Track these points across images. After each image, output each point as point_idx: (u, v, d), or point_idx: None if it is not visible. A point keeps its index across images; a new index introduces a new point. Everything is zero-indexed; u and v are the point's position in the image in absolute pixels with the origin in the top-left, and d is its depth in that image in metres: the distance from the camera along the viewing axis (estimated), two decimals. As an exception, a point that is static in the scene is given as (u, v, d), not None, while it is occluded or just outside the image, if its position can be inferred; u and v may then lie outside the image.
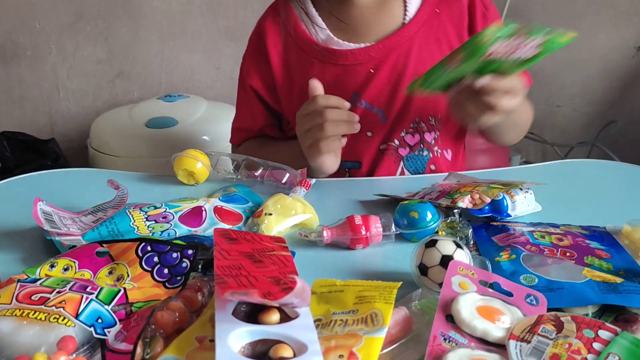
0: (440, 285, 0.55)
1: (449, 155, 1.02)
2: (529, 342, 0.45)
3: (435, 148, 0.99)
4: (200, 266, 0.59)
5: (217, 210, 0.73)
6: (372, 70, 0.94)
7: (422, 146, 0.98)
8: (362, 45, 0.95)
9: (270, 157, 0.89)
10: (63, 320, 0.47)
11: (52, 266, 0.56)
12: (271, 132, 1.07)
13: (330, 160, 0.86)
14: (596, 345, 0.44)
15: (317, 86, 0.84)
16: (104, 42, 2.08)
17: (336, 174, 0.93)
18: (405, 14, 0.96)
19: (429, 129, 0.97)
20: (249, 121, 1.07)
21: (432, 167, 1.00)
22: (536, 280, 0.56)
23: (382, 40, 0.94)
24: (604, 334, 0.46)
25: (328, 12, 0.97)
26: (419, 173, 0.99)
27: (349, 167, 0.99)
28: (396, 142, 0.98)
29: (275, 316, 0.48)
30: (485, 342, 0.47)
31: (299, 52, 0.98)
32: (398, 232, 0.68)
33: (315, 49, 0.96)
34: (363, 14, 0.95)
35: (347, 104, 0.84)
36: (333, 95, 0.85)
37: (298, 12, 0.99)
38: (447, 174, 0.87)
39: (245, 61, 1.06)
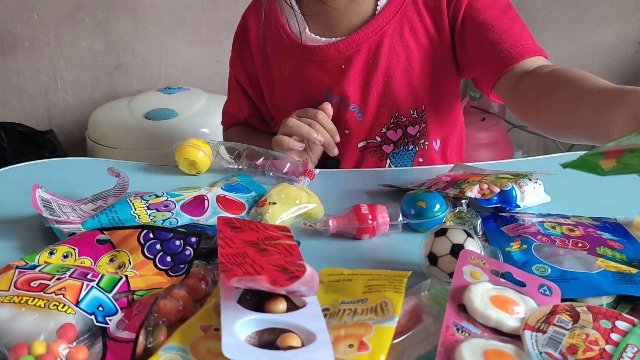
0: (450, 275, 0.53)
1: (437, 145, 0.98)
2: (544, 332, 0.44)
3: (422, 141, 0.96)
4: (204, 255, 0.58)
5: (220, 200, 0.72)
6: (343, 66, 0.91)
7: (406, 141, 0.95)
8: (333, 40, 0.91)
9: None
10: (63, 307, 0.45)
11: (51, 253, 0.55)
12: (256, 123, 1.09)
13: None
14: (614, 336, 0.43)
15: (327, 109, 0.89)
16: (103, 33, 2.06)
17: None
18: (377, 4, 0.91)
19: (412, 122, 0.94)
20: (237, 109, 1.08)
21: (420, 159, 0.98)
22: (549, 270, 0.54)
23: (352, 34, 0.90)
24: (621, 324, 0.44)
25: (306, 5, 0.94)
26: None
27: (334, 166, 0.98)
28: (378, 139, 0.95)
29: (282, 305, 0.46)
30: (499, 333, 0.45)
31: (275, 46, 0.96)
32: (405, 221, 0.67)
33: (290, 44, 0.94)
34: (335, 6, 0.91)
35: (337, 138, 0.89)
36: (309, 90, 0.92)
37: (280, 3, 0.95)
38: (453, 165, 0.86)
39: (232, 51, 1.05)
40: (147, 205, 0.68)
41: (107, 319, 0.46)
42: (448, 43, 0.91)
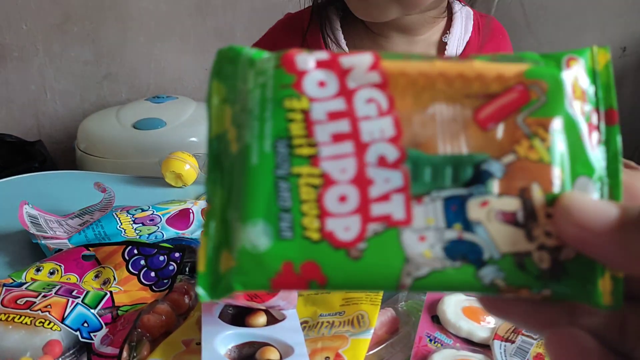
0: (427, 286, 0.55)
1: None
2: (513, 342, 0.45)
3: None
4: (187, 269, 0.59)
5: (205, 213, 0.73)
6: None
7: None
8: None
9: None
10: (49, 324, 0.47)
11: (38, 270, 0.56)
12: None
13: None
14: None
15: None
16: (92, 43, 2.07)
17: None
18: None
19: None
20: None
21: None
22: (521, 280, 0.56)
23: None
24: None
25: (359, 46, 0.96)
26: None
27: None
28: None
29: (262, 319, 0.48)
30: (470, 343, 0.47)
31: None
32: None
33: None
34: (396, 49, 0.95)
35: None
36: None
37: (326, 37, 0.96)
38: None
39: None
40: (133, 219, 0.70)
41: (92, 334, 0.48)
42: None
